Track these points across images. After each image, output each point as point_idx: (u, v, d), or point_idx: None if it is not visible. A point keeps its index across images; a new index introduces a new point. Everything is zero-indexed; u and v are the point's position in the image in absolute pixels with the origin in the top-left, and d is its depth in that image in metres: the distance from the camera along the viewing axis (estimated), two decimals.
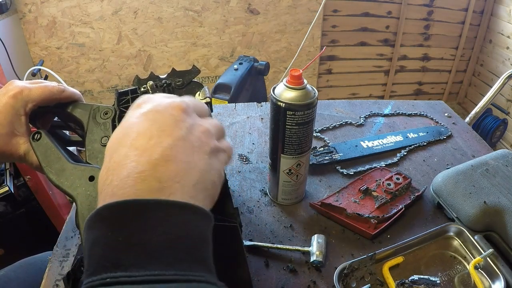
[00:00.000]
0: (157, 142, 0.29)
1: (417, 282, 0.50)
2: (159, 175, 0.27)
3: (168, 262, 0.24)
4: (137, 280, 0.23)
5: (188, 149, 0.30)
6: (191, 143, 0.31)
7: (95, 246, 0.25)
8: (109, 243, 0.25)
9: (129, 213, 0.25)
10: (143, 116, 0.31)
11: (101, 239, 0.25)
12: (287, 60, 2.43)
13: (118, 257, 0.24)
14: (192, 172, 0.29)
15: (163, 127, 0.30)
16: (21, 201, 1.25)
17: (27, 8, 1.94)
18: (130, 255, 0.24)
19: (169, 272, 0.24)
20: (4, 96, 0.43)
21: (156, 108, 0.32)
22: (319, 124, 0.87)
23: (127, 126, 0.31)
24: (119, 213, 0.25)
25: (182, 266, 0.25)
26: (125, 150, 0.29)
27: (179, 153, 0.29)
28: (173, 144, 0.29)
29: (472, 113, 1.04)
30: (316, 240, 0.54)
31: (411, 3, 2.40)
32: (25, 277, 0.68)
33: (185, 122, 0.32)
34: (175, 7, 2.12)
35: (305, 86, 0.53)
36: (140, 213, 0.25)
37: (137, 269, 0.23)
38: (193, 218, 0.27)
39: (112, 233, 0.25)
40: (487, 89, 2.54)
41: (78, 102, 0.48)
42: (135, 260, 0.24)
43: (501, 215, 0.55)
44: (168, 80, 0.48)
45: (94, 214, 0.26)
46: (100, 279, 0.23)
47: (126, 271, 0.23)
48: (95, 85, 2.27)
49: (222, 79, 1.51)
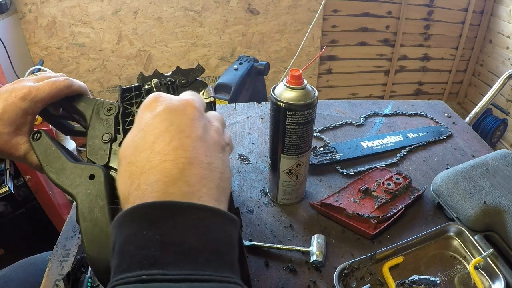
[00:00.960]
0: (178, 145, 0.29)
1: (417, 282, 0.50)
2: (188, 178, 0.28)
3: (202, 263, 0.25)
4: (174, 279, 0.23)
5: (207, 150, 0.31)
6: (208, 143, 0.31)
7: (128, 244, 0.25)
8: (144, 241, 0.25)
9: (165, 214, 0.26)
10: (158, 118, 0.31)
11: (135, 237, 0.25)
12: (287, 60, 2.43)
13: (154, 255, 0.24)
14: (214, 174, 0.30)
15: (180, 128, 0.30)
16: (21, 201, 1.25)
17: (27, 8, 1.94)
18: (166, 254, 0.24)
19: (204, 272, 0.24)
20: (10, 95, 0.43)
21: (169, 108, 0.32)
22: (319, 124, 0.87)
23: (142, 129, 0.31)
24: (154, 212, 0.26)
25: (215, 267, 0.25)
26: (146, 154, 0.29)
27: (200, 155, 0.30)
28: (194, 146, 0.30)
29: (472, 113, 1.04)
30: (316, 240, 0.54)
31: (411, 3, 2.40)
32: (25, 277, 0.68)
33: (200, 121, 0.32)
34: (175, 7, 2.12)
35: (305, 86, 0.53)
36: (175, 215, 0.26)
37: (173, 268, 0.24)
38: (223, 223, 0.28)
39: (148, 232, 0.25)
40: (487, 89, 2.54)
41: (83, 95, 0.48)
42: (171, 259, 0.24)
43: (501, 215, 0.55)
44: (173, 78, 0.48)
45: (127, 212, 0.26)
46: (136, 276, 0.23)
47: (162, 269, 0.23)
48: (95, 85, 2.27)
49: (222, 79, 1.51)
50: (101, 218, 0.35)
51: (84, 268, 0.51)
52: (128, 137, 0.32)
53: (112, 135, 0.42)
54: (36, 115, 0.46)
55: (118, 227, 0.27)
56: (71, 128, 0.55)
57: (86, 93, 0.49)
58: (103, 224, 0.35)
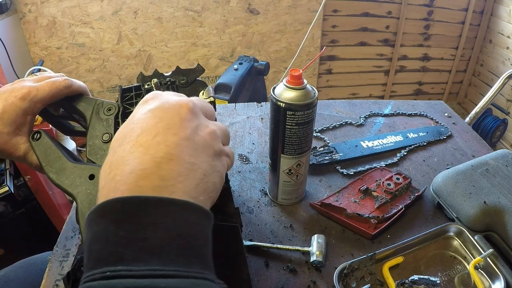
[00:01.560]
0: (162, 140, 0.29)
1: (417, 282, 0.50)
2: (162, 173, 0.28)
3: (169, 258, 0.24)
4: (138, 275, 0.23)
5: (193, 150, 0.30)
6: (196, 143, 0.31)
7: (95, 241, 0.25)
8: (110, 237, 0.25)
9: (131, 209, 0.25)
10: (150, 113, 0.31)
11: (102, 234, 0.25)
12: (287, 60, 2.43)
13: (120, 252, 0.24)
14: (194, 173, 0.29)
15: (169, 125, 0.30)
16: (21, 201, 1.25)
17: (27, 8, 1.94)
18: (132, 250, 0.24)
19: (170, 268, 0.24)
20: (10, 95, 0.43)
21: (163, 106, 0.32)
22: (319, 124, 0.87)
23: (133, 122, 0.31)
24: (121, 208, 0.25)
25: (183, 262, 0.25)
26: (129, 146, 0.29)
27: (183, 153, 0.29)
28: (178, 143, 0.29)
29: (472, 113, 1.05)
30: (316, 240, 0.54)
31: (411, 3, 2.40)
32: (25, 277, 0.68)
33: (192, 122, 0.32)
34: (175, 7, 2.12)
35: (305, 86, 0.53)
36: (142, 209, 0.25)
37: (137, 264, 0.23)
38: (194, 216, 0.27)
39: (114, 228, 0.25)
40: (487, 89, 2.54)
41: (83, 95, 0.48)
42: (136, 255, 0.24)
43: (501, 215, 0.55)
44: (172, 78, 0.48)
45: (96, 210, 0.26)
46: (100, 273, 0.23)
47: (127, 265, 0.23)
48: (95, 85, 2.27)
49: (222, 79, 1.51)
50: None
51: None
52: (120, 128, 0.32)
53: (112, 135, 0.42)
54: (36, 115, 0.46)
55: (88, 224, 0.26)
56: (71, 128, 0.55)
57: (86, 93, 0.49)
58: None
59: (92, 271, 0.24)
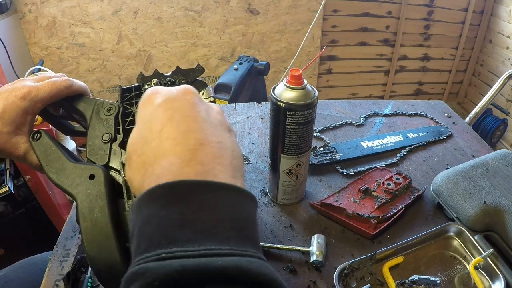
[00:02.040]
0: (186, 129, 0.29)
1: (417, 282, 0.50)
2: (200, 158, 0.28)
3: (222, 238, 0.25)
4: (194, 255, 0.23)
5: (215, 130, 0.31)
6: (214, 123, 0.32)
7: (146, 225, 0.25)
8: (162, 221, 0.25)
9: (182, 193, 0.26)
10: (160, 108, 0.31)
11: (153, 218, 0.25)
12: (287, 60, 2.43)
13: (173, 234, 0.24)
14: (225, 152, 0.30)
15: (185, 113, 0.31)
16: (21, 201, 1.25)
17: (27, 8, 1.94)
18: (185, 232, 0.24)
19: (224, 247, 0.24)
20: (11, 95, 0.43)
21: (170, 97, 0.32)
22: (319, 124, 0.87)
23: (147, 121, 0.31)
24: (171, 192, 0.26)
25: (236, 242, 0.25)
26: (156, 143, 0.29)
27: (208, 135, 0.30)
28: (201, 128, 0.30)
29: (472, 113, 1.05)
30: (316, 240, 0.54)
31: (411, 3, 2.40)
32: (25, 277, 0.68)
33: (201, 105, 0.32)
34: (175, 7, 2.12)
35: (305, 86, 0.53)
36: (192, 193, 0.26)
37: (192, 245, 0.23)
38: (241, 200, 0.28)
39: (165, 212, 0.25)
40: (487, 89, 2.55)
41: (83, 95, 0.48)
42: (190, 236, 0.24)
43: (501, 215, 0.55)
44: (172, 78, 0.48)
45: (144, 195, 0.26)
46: (155, 255, 0.23)
47: (181, 246, 0.23)
48: (95, 85, 2.27)
49: (222, 79, 1.51)
50: (101, 218, 0.35)
51: (84, 268, 0.51)
52: (133, 133, 0.32)
53: (112, 135, 0.42)
54: (36, 115, 0.46)
55: (136, 210, 0.27)
56: (71, 128, 0.55)
57: (86, 93, 0.49)
58: (103, 224, 0.35)
59: (144, 254, 0.24)
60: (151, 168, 0.28)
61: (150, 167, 0.28)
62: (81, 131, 0.53)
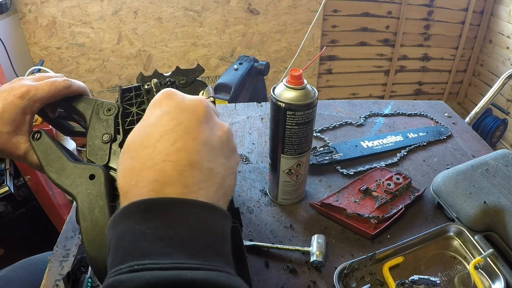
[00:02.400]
0: (182, 146, 0.29)
1: (417, 282, 0.50)
2: (185, 180, 0.28)
3: (194, 253, 0.25)
4: (165, 267, 0.24)
5: (211, 154, 0.31)
6: (214, 146, 0.31)
7: (121, 239, 0.26)
8: (136, 235, 0.26)
9: (156, 209, 0.26)
10: (167, 115, 0.31)
11: (128, 232, 0.26)
12: (287, 60, 2.43)
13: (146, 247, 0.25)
14: (214, 179, 0.30)
15: (187, 129, 0.30)
16: (21, 201, 1.25)
17: (27, 8, 1.94)
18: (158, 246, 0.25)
19: (195, 261, 0.25)
20: (9, 94, 0.43)
21: (180, 107, 0.32)
22: (319, 124, 0.87)
23: (150, 124, 0.31)
24: (146, 208, 0.26)
25: (206, 257, 0.26)
26: (149, 151, 0.29)
27: (202, 159, 0.30)
28: (197, 149, 0.30)
29: (472, 113, 1.05)
30: (316, 240, 0.54)
31: (411, 3, 2.40)
32: (25, 277, 0.68)
33: (208, 123, 0.32)
34: (175, 7, 2.12)
35: (305, 86, 0.53)
36: (166, 210, 0.27)
37: (164, 258, 0.24)
38: (215, 217, 0.28)
39: (140, 227, 0.26)
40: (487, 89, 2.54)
41: (83, 96, 0.48)
42: (162, 250, 0.25)
43: (501, 215, 0.55)
44: (172, 78, 0.48)
45: (121, 211, 0.27)
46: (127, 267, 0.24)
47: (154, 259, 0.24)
48: (95, 85, 2.27)
49: (222, 79, 1.51)
50: (101, 218, 0.35)
51: (84, 268, 0.51)
52: (135, 131, 0.32)
53: (111, 135, 0.42)
54: (34, 115, 0.45)
55: (113, 226, 0.27)
56: (71, 128, 0.55)
57: (86, 93, 0.49)
58: (103, 224, 0.35)
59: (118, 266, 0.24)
60: (136, 178, 0.29)
61: (136, 176, 0.29)
62: (81, 132, 0.53)
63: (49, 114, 0.51)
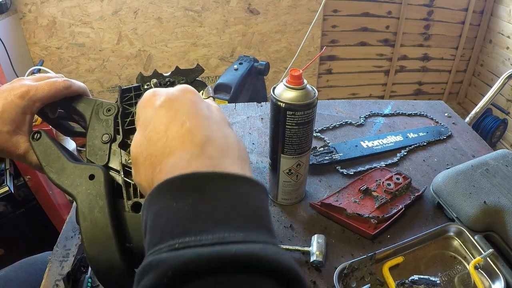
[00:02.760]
0: (191, 126, 0.29)
1: (417, 282, 0.50)
2: (209, 153, 0.28)
3: (236, 227, 0.24)
4: (208, 243, 0.22)
5: (218, 125, 0.31)
6: (216, 119, 0.32)
7: (158, 218, 0.25)
8: (174, 213, 0.25)
9: (193, 184, 0.26)
10: (162, 109, 0.31)
11: (165, 210, 0.25)
12: (287, 60, 2.43)
13: (186, 225, 0.24)
14: (232, 146, 0.30)
15: (188, 111, 0.31)
16: (21, 201, 1.25)
17: (27, 8, 1.94)
18: (198, 222, 0.24)
19: (238, 234, 0.24)
20: (10, 94, 0.43)
21: (170, 97, 0.32)
22: (319, 124, 0.87)
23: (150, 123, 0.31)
24: (182, 184, 0.26)
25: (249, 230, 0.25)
26: (162, 142, 0.29)
27: (214, 131, 0.30)
28: (205, 124, 0.30)
29: (472, 113, 1.05)
30: (316, 240, 0.54)
31: (411, 3, 2.40)
32: (25, 277, 0.68)
33: (201, 102, 0.33)
34: (175, 7, 2.12)
35: (305, 86, 0.53)
36: (203, 184, 0.26)
37: (205, 234, 0.23)
38: (253, 189, 0.28)
39: (177, 203, 0.25)
40: (487, 89, 2.54)
41: (83, 96, 0.48)
42: (203, 226, 0.24)
43: (501, 215, 0.55)
44: (172, 78, 0.48)
45: (155, 190, 0.26)
46: (168, 246, 0.23)
47: (195, 236, 0.23)
48: (95, 85, 2.27)
49: (222, 79, 1.51)
50: (101, 218, 0.35)
51: (84, 268, 0.51)
52: (136, 137, 0.32)
53: (111, 135, 0.42)
54: (34, 115, 0.46)
55: (148, 206, 0.27)
56: (71, 128, 0.55)
57: (86, 93, 0.49)
58: (103, 224, 0.35)
59: (158, 246, 0.23)
60: (159, 167, 0.28)
61: (158, 166, 0.28)
62: (81, 132, 0.53)
63: (49, 114, 0.51)
